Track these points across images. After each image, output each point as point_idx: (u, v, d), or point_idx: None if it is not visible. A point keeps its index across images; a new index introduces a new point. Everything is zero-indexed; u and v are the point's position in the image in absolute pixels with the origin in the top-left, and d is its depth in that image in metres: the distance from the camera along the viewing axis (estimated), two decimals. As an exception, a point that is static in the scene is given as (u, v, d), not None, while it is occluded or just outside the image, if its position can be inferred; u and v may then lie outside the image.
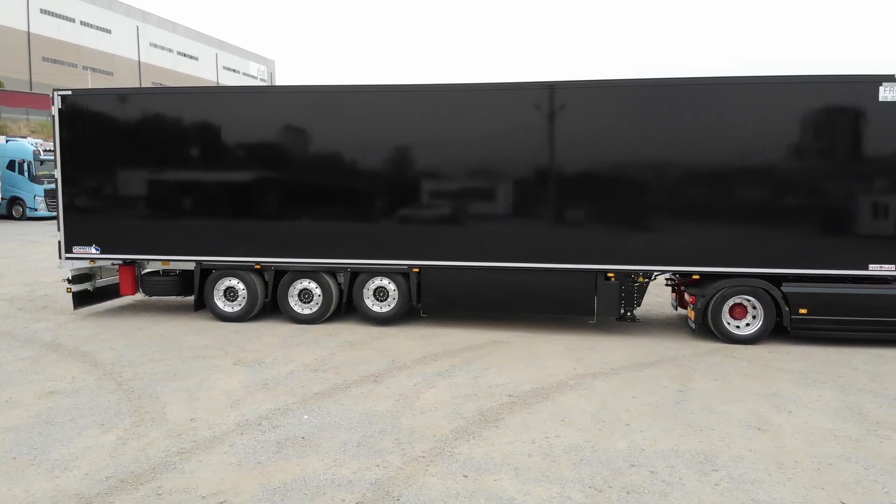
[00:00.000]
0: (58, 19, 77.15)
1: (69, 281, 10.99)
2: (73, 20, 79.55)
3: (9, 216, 29.50)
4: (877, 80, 9.01)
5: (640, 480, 5.41)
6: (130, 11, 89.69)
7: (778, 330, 9.62)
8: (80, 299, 11.19)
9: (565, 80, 9.75)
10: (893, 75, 8.99)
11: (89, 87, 63.41)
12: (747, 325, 9.63)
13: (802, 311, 9.38)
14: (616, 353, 9.17)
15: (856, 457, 5.87)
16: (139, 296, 11.71)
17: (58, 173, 10.74)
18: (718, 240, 9.53)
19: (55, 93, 10.72)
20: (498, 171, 10.01)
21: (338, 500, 5.07)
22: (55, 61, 76.14)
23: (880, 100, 9.00)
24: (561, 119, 9.71)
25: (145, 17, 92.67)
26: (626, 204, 9.76)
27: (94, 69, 79.32)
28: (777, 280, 9.51)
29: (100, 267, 11.42)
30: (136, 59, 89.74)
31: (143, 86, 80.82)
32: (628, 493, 5.20)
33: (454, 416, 6.73)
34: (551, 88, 9.68)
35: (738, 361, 8.79)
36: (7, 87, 56.21)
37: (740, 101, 9.35)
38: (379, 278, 10.38)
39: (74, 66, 77.94)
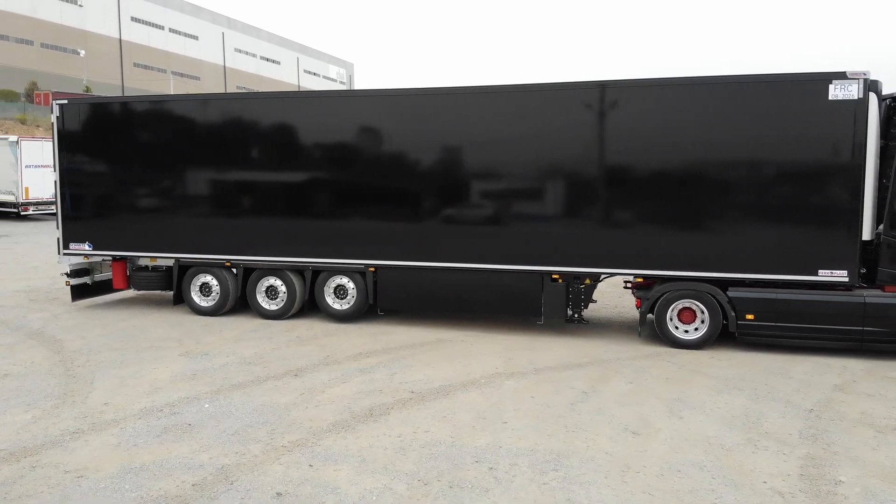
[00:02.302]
0: (148, 27, 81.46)
1: (68, 275, 11.92)
2: (162, 27, 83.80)
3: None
4: (826, 79, 8.67)
5: (472, 475, 5.56)
6: (217, 18, 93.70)
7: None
8: (79, 292, 12.10)
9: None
10: (845, 73, 8.63)
11: (171, 92, 66.95)
12: (696, 329, 9.45)
13: (749, 316, 9.14)
14: (551, 353, 9.22)
15: (712, 465, 5.80)
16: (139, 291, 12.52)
17: (56, 176, 11.68)
18: (664, 242, 9.39)
19: (54, 102, 11.66)
20: (447, 173, 10.20)
21: (178, 482, 5.48)
22: (146, 67, 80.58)
23: (829, 98, 8.66)
24: (501, 124, 9.84)
25: (231, 23, 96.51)
26: (570, 206, 9.78)
27: (181, 74, 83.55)
28: (725, 284, 9.30)
29: (99, 262, 12.31)
30: (222, 64, 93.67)
31: (227, 90, 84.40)
32: (451, 487, 5.37)
33: (343, 411, 7.02)
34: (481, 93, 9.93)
35: (670, 366, 8.68)
36: (96, 92, 59.93)
37: (689, 102, 9.20)
38: (339, 277, 10.78)
39: (164, 71, 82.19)
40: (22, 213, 27.50)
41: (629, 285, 10.45)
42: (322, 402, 7.27)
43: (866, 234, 8.83)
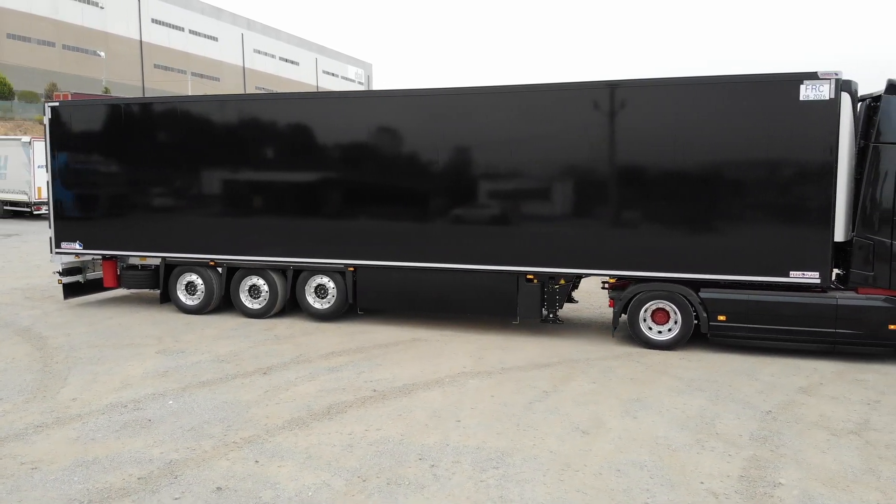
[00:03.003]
0: (168, 28, 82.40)
1: (60, 273, 12.19)
2: (182, 29, 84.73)
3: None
4: (797, 79, 8.64)
5: (412, 473, 5.64)
6: (236, 20, 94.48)
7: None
8: (71, 290, 12.36)
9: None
10: (816, 73, 8.59)
11: (189, 93, 67.69)
12: (669, 330, 9.45)
13: (721, 317, 9.12)
14: (522, 353, 9.27)
15: (653, 465, 5.83)
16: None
17: (48, 177, 11.96)
18: (637, 243, 9.39)
19: (45, 104, 11.94)
20: (423, 175, 10.27)
21: (125, 475, 5.63)
22: (166, 68, 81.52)
23: (801, 99, 8.62)
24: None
25: (250, 24, 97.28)
26: (544, 208, 9.82)
27: (201, 75, 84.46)
28: (697, 285, 9.29)
29: (91, 261, 12.56)
30: (241, 65, 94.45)
31: (246, 91, 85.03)
32: (388, 483, 5.46)
33: (301, 408, 7.14)
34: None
35: (637, 366, 8.70)
36: (115, 93, 60.64)
37: (661, 103, 9.21)
38: (319, 276, 10.92)
39: (183, 72, 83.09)
40: (35, 213, 28.05)
41: (606, 286, 10.47)
42: (283, 400, 7.39)
43: (839, 236, 8.78)
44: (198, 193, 11.33)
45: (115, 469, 5.74)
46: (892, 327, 8.63)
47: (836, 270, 9.35)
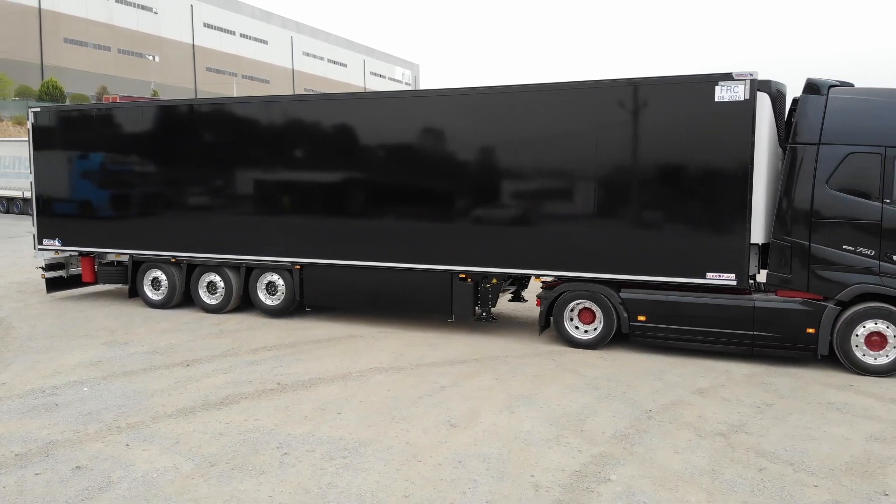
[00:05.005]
0: (219, 32, 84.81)
1: (43, 269, 12.97)
2: (233, 33, 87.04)
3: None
4: (713, 80, 8.63)
5: (262, 460, 5.97)
6: (286, 23, 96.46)
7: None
8: (55, 284, 13.14)
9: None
10: (731, 74, 8.57)
11: (234, 94, 69.52)
12: (595, 329, 9.54)
13: (641, 318, 9.17)
14: (447, 350, 9.51)
15: (497, 458, 6.01)
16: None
17: (32, 178, 12.75)
18: (563, 244, 9.51)
19: (29, 110, 12.74)
20: (361, 174, 10.62)
21: (7, 452, 6.14)
22: (217, 71, 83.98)
23: (716, 100, 8.61)
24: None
25: (299, 27, 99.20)
26: (474, 208, 10.03)
27: (252, 77, 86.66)
28: (619, 286, 9.35)
29: (70, 257, 13.31)
30: (290, 67, 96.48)
31: (295, 93, 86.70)
32: (232, 469, 5.81)
33: (198, 399, 7.54)
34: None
35: (550, 364, 8.84)
36: (165, 95, 62.77)
37: (582, 106, 9.32)
38: (269, 274, 11.37)
39: (234, 75, 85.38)
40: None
41: (543, 285, 10.61)
42: (188, 391, 7.81)
43: (758, 237, 8.73)
44: (160, 193, 11.93)
45: (1, 446, 6.24)
46: (809, 331, 8.54)
47: (765, 272, 9.28)
